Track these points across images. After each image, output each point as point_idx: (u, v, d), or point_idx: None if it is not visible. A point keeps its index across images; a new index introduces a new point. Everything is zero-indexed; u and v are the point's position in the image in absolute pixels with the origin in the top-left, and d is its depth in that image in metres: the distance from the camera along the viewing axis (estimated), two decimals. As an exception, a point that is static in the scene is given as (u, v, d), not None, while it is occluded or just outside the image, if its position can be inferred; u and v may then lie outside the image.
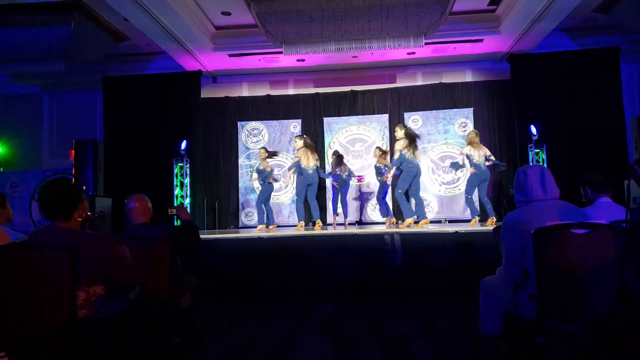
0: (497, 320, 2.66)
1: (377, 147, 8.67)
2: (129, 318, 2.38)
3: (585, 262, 2.26)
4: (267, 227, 8.57)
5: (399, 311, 5.17)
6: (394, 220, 8.64)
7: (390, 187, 8.55)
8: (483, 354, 2.84)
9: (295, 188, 8.44)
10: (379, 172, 8.25)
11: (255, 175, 8.87)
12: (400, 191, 7.59)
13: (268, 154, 8.65)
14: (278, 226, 9.13)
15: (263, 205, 8.60)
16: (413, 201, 7.92)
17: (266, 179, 8.42)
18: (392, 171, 7.78)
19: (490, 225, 7.16)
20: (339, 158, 8.46)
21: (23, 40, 8.07)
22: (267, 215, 8.66)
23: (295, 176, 8.18)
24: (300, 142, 8.15)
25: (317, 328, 4.58)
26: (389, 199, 8.97)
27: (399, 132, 7.74)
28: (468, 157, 7.53)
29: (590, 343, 2.26)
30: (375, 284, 5.97)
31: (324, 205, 9.96)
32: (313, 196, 8.18)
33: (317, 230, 7.78)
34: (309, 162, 7.99)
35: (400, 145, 7.60)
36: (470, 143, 7.58)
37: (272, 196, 8.93)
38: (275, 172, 9.05)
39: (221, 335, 4.33)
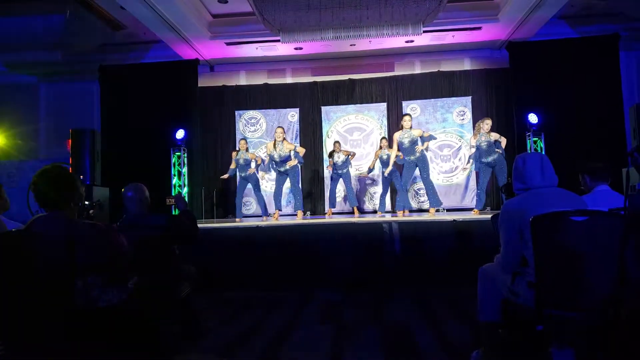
0: (496, 308, 2.66)
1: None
2: (127, 307, 2.37)
3: (584, 249, 2.26)
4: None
5: (399, 299, 5.19)
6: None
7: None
8: (482, 342, 2.85)
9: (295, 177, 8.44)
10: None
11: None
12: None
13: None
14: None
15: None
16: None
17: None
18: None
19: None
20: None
21: (19, 29, 8.03)
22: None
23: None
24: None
25: (317, 316, 4.59)
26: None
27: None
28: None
29: (590, 330, 2.26)
30: (375, 272, 5.99)
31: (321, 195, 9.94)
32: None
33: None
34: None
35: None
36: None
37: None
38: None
39: (220, 324, 4.33)
